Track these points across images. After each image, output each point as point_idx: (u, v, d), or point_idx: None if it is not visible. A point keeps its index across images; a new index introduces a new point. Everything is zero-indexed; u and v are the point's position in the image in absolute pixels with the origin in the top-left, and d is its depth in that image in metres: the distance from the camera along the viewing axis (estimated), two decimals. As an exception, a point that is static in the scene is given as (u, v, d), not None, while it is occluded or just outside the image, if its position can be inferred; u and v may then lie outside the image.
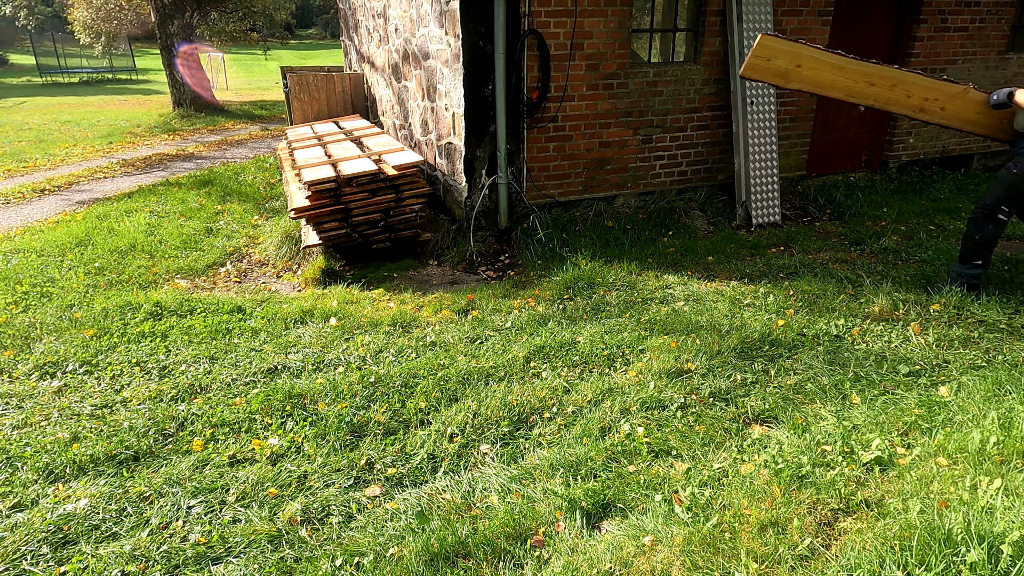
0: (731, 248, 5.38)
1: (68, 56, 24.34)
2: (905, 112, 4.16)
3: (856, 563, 1.90)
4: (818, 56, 3.96)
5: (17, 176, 8.90)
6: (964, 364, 3.32)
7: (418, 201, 5.35)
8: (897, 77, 4.04)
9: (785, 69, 3.98)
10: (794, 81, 4.02)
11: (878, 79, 4.02)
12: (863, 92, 4.05)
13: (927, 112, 4.15)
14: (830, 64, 3.98)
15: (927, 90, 4.09)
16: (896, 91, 4.06)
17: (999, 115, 4.11)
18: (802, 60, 3.94)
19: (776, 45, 3.92)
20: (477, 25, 4.98)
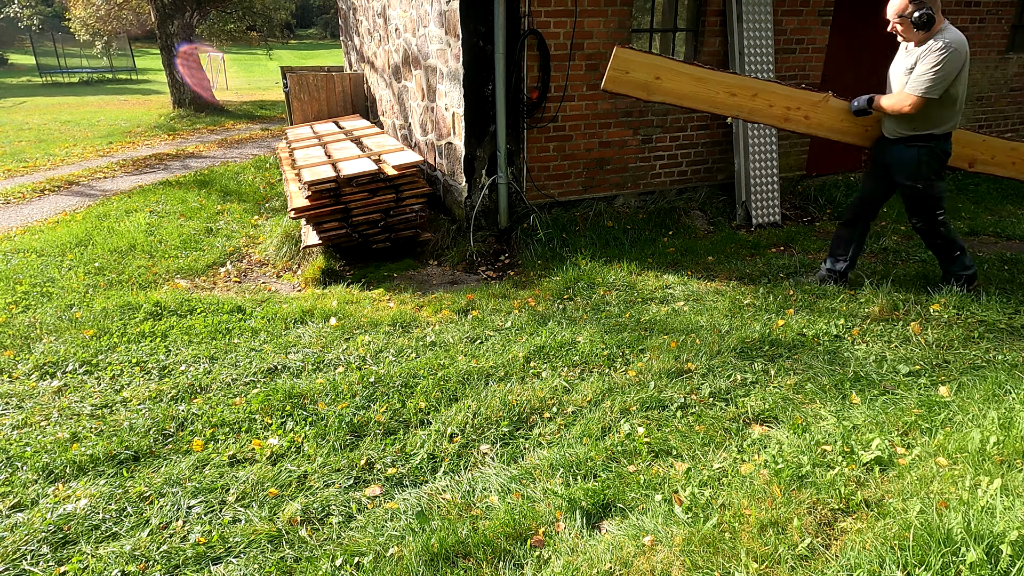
0: (731, 248, 5.38)
1: (68, 56, 24.35)
2: (771, 122, 4.12)
3: (856, 563, 1.90)
4: (676, 67, 3.90)
5: (17, 176, 8.90)
6: (964, 364, 3.32)
7: (418, 201, 5.35)
8: (758, 87, 3.99)
9: (645, 81, 3.90)
10: (656, 93, 3.95)
11: (738, 89, 3.96)
12: (726, 103, 3.99)
13: (792, 122, 4.10)
14: (689, 75, 3.91)
15: (788, 99, 4.04)
16: (758, 101, 4.00)
17: (863, 122, 4.07)
18: (661, 72, 3.87)
19: (632, 57, 3.83)
20: (477, 25, 4.98)
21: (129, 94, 19.24)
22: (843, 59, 6.56)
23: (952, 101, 3.72)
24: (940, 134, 3.82)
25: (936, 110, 3.73)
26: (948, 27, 3.61)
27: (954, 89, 3.67)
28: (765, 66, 5.78)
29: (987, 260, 4.85)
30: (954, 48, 3.52)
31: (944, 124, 3.80)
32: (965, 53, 3.60)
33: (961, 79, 3.66)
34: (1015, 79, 7.44)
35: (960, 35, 3.60)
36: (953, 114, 3.78)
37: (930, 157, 3.86)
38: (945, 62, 3.53)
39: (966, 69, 3.67)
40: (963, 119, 7.32)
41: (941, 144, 3.85)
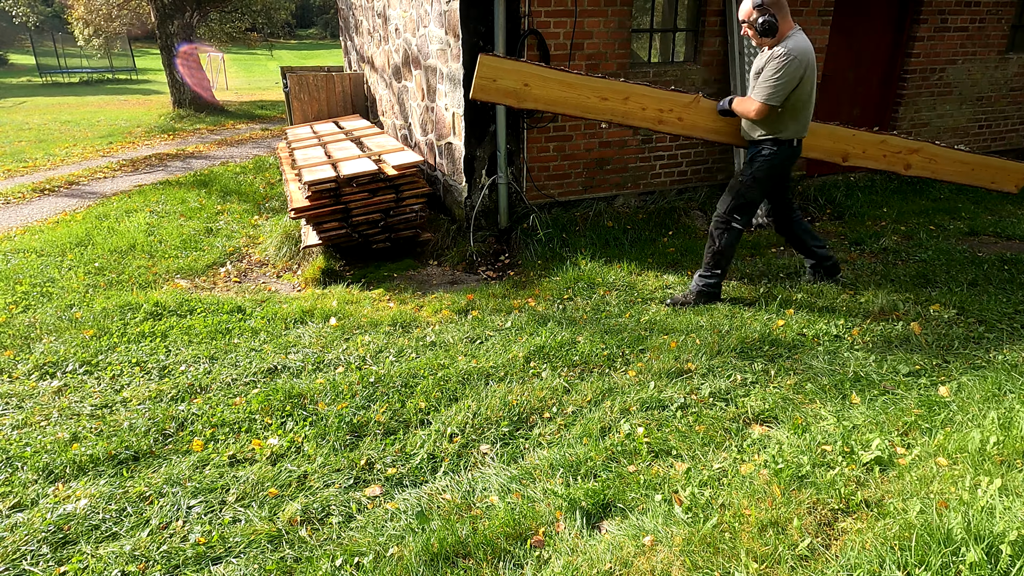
0: (731, 248, 5.37)
1: (68, 56, 24.36)
2: (646, 125, 4.07)
3: (856, 563, 1.90)
4: (544, 73, 3.83)
5: (17, 176, 8.90)
6: (964, 364, 3.32)
7: (418, 201, 5.35)
8: (628, 90, 3.94)
9: (514, 88, 3.84)
10: (527, 100, 3.87)
11: (609, 93, 3.91)
12: (598, 107, 3.94)
13: (667, 124, 4.06)
14: (558, 81, 3.85)
15: (660, 101, 4.01)
16: (631, 104, 3.95)
17: (736, 123, 4.05)
18: (529, 79, 3.81)
19: (499, 65, 3.77)
20: (477, 25, 4.98)
21: (129, 94, 19.25)
22: (843, 59, 6.56)
23: (797, 107, 3.72)
24: (785, 139, 3.82)
25: (784, 116, 3.74)
26: (795, 34, 3.60)
27: (798, 95, 3.67)
28: (765, 66, 5.78)
29: (987, 260, 4.85)
30: (794, 56, 3.51)
31: (788, 129, 3.80)
32: (807, 61, 3.60)
33: (805, 87, 3.66)
34: (1015, 79, 7.44)
35: (804, 43, 3.59)
36: (798, 120, 3.78)
37: (770, 159, 3.86)
38: (785, 69, 3.52)
39: (811, 77, 3.68)
40: (963, 119, 7.34)
41: (785, 150, 3.85)
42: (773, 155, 3.85)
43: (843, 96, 6.76)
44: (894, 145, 4.47)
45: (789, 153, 3.88)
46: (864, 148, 4.44)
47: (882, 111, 7.05)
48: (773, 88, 3.58)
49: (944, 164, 4.63)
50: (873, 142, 4.43)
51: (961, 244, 5.31)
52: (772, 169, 3.89)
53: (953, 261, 4.86)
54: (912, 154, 4.51)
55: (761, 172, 3.90)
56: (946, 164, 4.64)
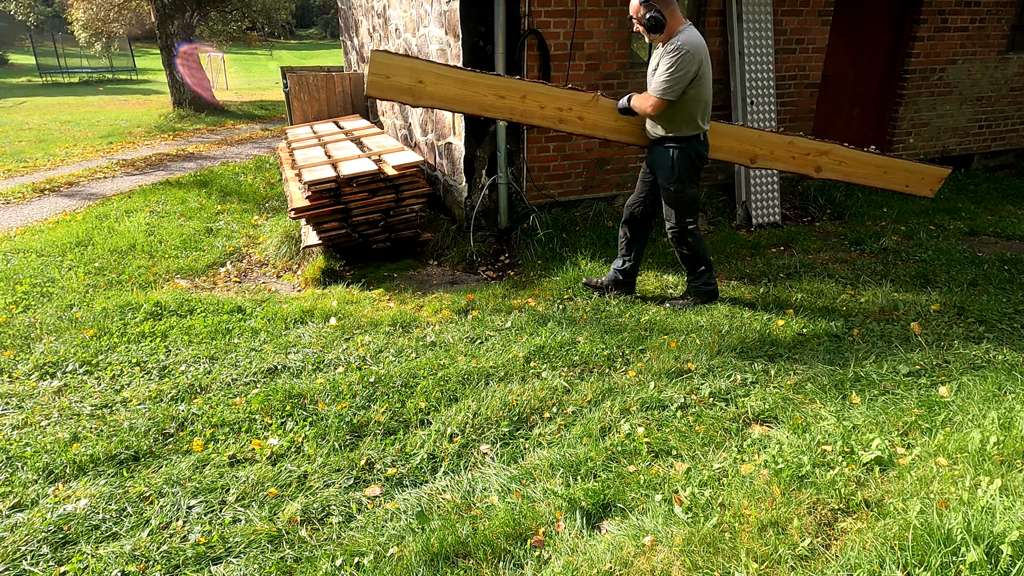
0: (731, 248, 5.38)
1: (68, 56, 24.36)
2: (546, 124, 4.00)
3: (856, 563, 1.90)
4: (438, 71, 3.77)
5: (17, 176, 8.90)
6: (964, 364, 3.32)
7: (418, 201, 5.35)
8: (525, 88, 3.88)
9: (409, 86, 3.75)
10: (423, 98, 3.79)
11: (506, 91, 3.85)
12: (496, 105, 3.87)
13: (567, 123, 4.00)
14: (453, 79, 3.79)
15: (557, 100, 3.94)
16: (528, 103, 3.89)
17: (637, 122, 4.02)
18: (423, 76, 3.74)
19: (391, 61, 3.69)
20: (477, 25, 4.98)
21: (129, 94, 19.25)
22: (843, 59, 6.56)
23: (694, 103, 3.70)
24: (689, 136, 3.80)
25: (680, 112, 3.73)
26: (686, 29, 3.60)
27: (695, 91, 3.66)
28: (765, 66, 5.79)
29: (987, 260, 4.85)
30: (687, 50, 3.51)
31: (688, 126, 3.78)
32: (701, 56, 3.60)
33: (701, 81, 3.65)
34: (1015, 79, 7.44)
35: (696, 38, 3.59)
36: (696, 116, 3.76)
37: (682, 159, 3.84)
38: (678, 64, 3.52)
39: (707, 72, 3.67)
40: (963, 119, 7.34)
41: (692, 146, 3.83)
42: (683, 151, 3.83)
43: (843, 96, 6.76)
44: (802, 147, 4.43)
45: (698, 148, 3.87)
46: (772, 149, 4.40)
47: (882, 111, 7.05)
48: (668, 82, 3.57)
49: (856, 167, 4.58)
50: (780, 143, 4.40)
51: (961, 244, 5.31)
52: (690, 165, 3.88)
53: (953, 261, 4.86)
54: (821, 156, 4.46)
55: (683, 173, 3.90)
56: (857, 166, 4.58)
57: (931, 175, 4.74)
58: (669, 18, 3.57)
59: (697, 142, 3.85)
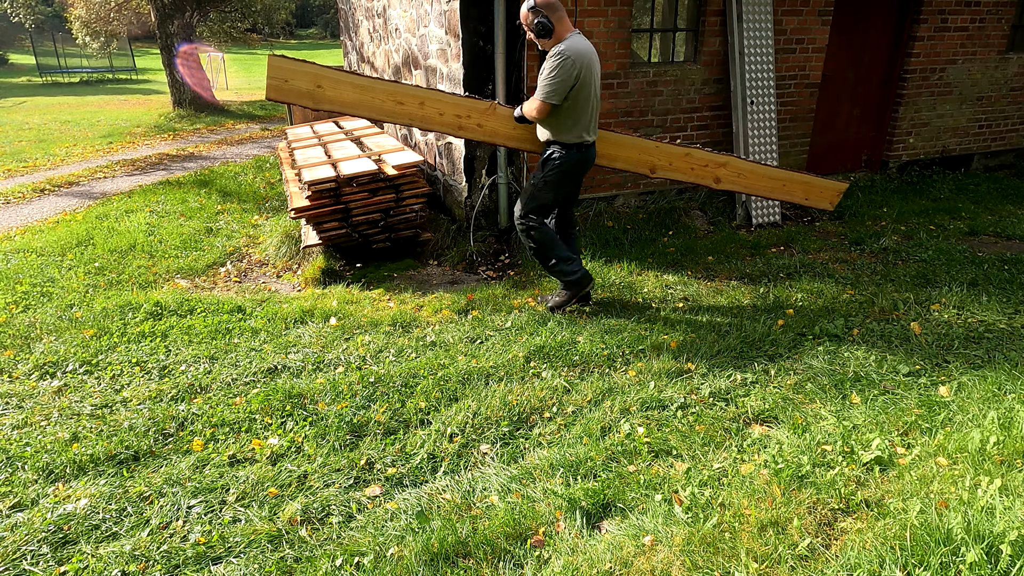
0: (731, 248, 5.38)
1: (68, 56, 24.36)
2: (447, 131, 4.07)
3: (856, 563, 1.90)
4: (336, 76, 3.83)
5: (17, 176, 8.90)
6: (964, 364, 3.32)
7: (418, 201, 5.34)
8: (423, 95, 3.96)
9: (308, 90, 3.82)
10: (322, 102, 3.86)
11: (404, 97, 3.93)
12: (395, 111, 3.95)
13: (467, 130, 4.07)
14: (351, 84, 3.85)
15: (457, 107, 4.01)
16: (427, 109, 3.97)
17: (534, 129, 4.06)
18: (320, 80, 3.81)
19: (288, 66, 3.76)
20: (477, 25, 4.98)
21: (129, 94, 19.25)
22: (843, 59, 6.56)
23: (577, 109, 3.73)
24: (570, 143, 3.82)
25: (563, 118, 3.76)
26: (573, 36, 3.64)
27: (577, 97, 3.68)
28: (765, 66, 5.79)
29: (987, 260, 4.85)
30: (568, 56, 3.55)
31: (570, 132, 3.80)
32: (583, 62, 3.61)
33: (583, 88, 3.67)
34: (1015, 79, 7.44)
35: (580, 46, 3.62)
36: (580, 123, 3.78)
37: (559, 162, 3.86)
38: (559, 68, 3.56)
39: (590, 80, 3.68)
40: (963, 119, 7.34)
41: (572, 154, 3.85)
42: (562, 159, 3.85)
43: (843, 96, 6.76)
44: (699, 158, 4.48)
45: (578, 158, 3.87)
46: (670, 160, 4.45)
47: (882, 111, 7.05)
48: (550, 87, 3.62)
49: (754, 179, 4.62)
50: (678, 155, 4.46)
51: (961, 244, 5.31)
52: (562, 173, 3.90)
53: (953, 261, 4.86)
54: (719, 168, 4.51)
55: (552, 176, 3.91)
56: (756, 179, 4.63)
57: (829, 188, 4.81)
58: (557, 24, 3.62)
59: (578, 151, 3.86)
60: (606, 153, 4.29)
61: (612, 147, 4.29)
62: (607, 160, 4.33)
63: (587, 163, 3.96)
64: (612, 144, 4.30)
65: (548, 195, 3.98)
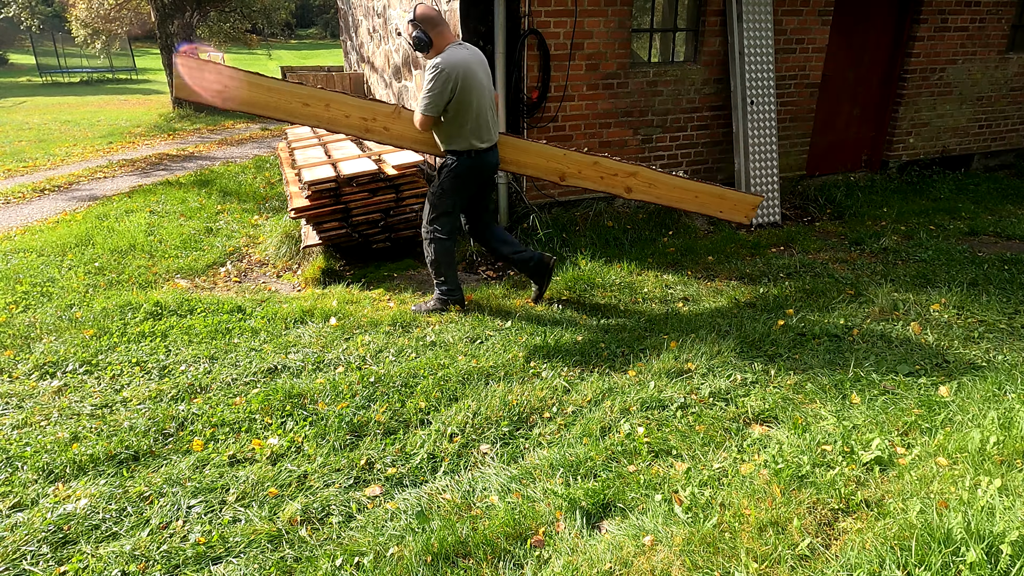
0: (731, 248, 5.38)
1: (68, 56, 24.35)
2: (355, 133, 4.11)
3: (856, 563, 1.90)
4: (242, 77, 3.89)
5: (17, 176, 8.90)
6: (964, 364, 3.32)
7: (418, 201, 5.34)
8: (329, 98, 3.99)
9: (217, 90, 3.88)
10: (231, 101, 3.91)
11: (310, 100, 3.97)
12: (303, 112, 4.00)
13: (374, 132, 4.10)
14: (258, 85, 3.92)
15: (362, 110, 4.04)
16: (334, 111, 4.00)
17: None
18: (227, 81, 3.86)
19: (195, 65, 3.85)
20: (477, 25, 4.98)
21: (129, 94, 19.24)
22: (843, 59, 6.56)
23: (461, 118, 3.77)
24: (463, 150, 3.87)
25: (449, 127, 3.82)
26: (452, 48, 3.69)
27: (457, 107, 3.72)
28: (765, 66, 5.79)
29: (987, 260, 4.85)
30: (442, 68, 3.60)
31: (458, 140, 3.85)
32: (458, 73, 3.65)
33: (462, 98, 3.70)
34: (1015, 79, 7.44)
35: (457, 57, 3.66)
36: (467, 132, 3.81)
37: (453, 170, 3.92)
38: (433, 81, 3.62)
39: (471, 88, 3.71)
40: (963, 119, 7.34)
41: (464, 161, 3.90)
42: (455, 166, 3.91)
43: (843, 96, 6.76)
44: (607, 167, 4.45)
45: (470, 164, 3.90)
46: (579, 168, 4.44)
47: (882, 111, 7.06)
48: (426, 99, 3.69)
49: (666, 190, 4.59)
50: (586, 163, 4.43)
51: (961, 244, 5.31)
52: (457, 180, 3.94)
53: (953, 261, 4.86)
54: (629, 177, 4.49)
55: (447, 183, 3.96)
56: (667, 190, 4.59)
57: (743, 202, 4.77)
58: (435, 38, 3.68)
59: (469, 158, 3.89)
60: (514, 160, 4.32)
61: (520, 154, 4.32)
62: (516, 167, 4.37)
63: (482, 169, 3.99)
64: (520, 151, 4.32)
65: (447, 203, 4.03)
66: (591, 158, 4.43)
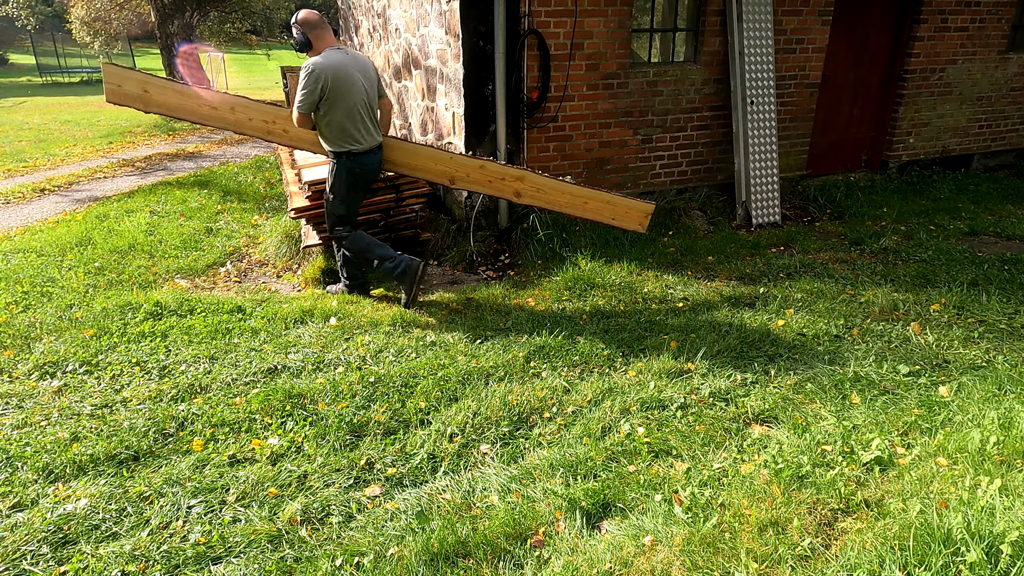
0: (731, 248, 5.38)
1: (68, 56, 24.38)
2: (257, 135, 4.37)
3: (856, 563, 1.90)
4: (159, 83, 4.22)
5: (17, 176, 8.90)
6: (964, 364, 3.32)
7: (418, 201, 5.34)
8: (234, 102, 4.28)
9: (138, 94, 4.18)
10: (151, 105, 4.22)
11: (218, 104, 4.27)
12: (211, 115, 4.28)
13: (275, 135, 4.35)
14: (172, 90, 4.25)
15: (264, 113, 4.31)
16: (238, 114, 4.27)
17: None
18: (147, 86, 4.17)
19: (119, 72, 4.15)
20: (477, 25, 4.98)
21: (129, 94, 19.19)
22: (843, 59, 6.56)
23: (335, 119, 3.96)
24: (341, 151, 4.06)
25: (324, 127, 4.02)
26: (328, 51, 3.90)
27: (329, 107, 3.92)
28: (765, 66, 5.79)
29: (987, 260, 4.85)
30: (312, 69, 3.82)
31: (335, 141, 4.04)
32: (329, 75, 3.84)
33: (335, 98, 3.89)
34: (1015, 79, 7.44)
35: (332, 59, 3.87)
36: (341, 132, 3.99)
37: (337, 171, 4.12)
38: (304, 81, 3.84)
39: (340, 90, 3.89)
40: (963, 119, 7.33)
41: (344, 161, 4.08)
42: (336, 167, 4.12)
43: (843, 96, 6.76)
44: (494, 171, 4.52)
45: (349, 165, 4.09)
46: (468, 172, 4.52)
47: (882, 111, 7.05)
48: (298, 97, 3.90)
49: (554, 195, 4.62)
50: (473, 167, 4.51)
51: (961, 244, 5.31)
52: (339, 181, 4.14)
53: (953, 261, 4.86)
54: (516, 182, 4.55)
55: (334, 185, 4.17)
56: (557, 195, 4.63)
57: (635, 209, 4.77)
58: (315, 40, 3.93)
59: (348, 158, 4.08)
60: (404, 162, 4.49)
61: (409, 156, 4.48)
62: (408, 169, 4.53)
63: (364, 170, 4.16)
64: (409, 153, 4.48)
65: (339, 206, 4.24)
66: (478, 162, 4.52)
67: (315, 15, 3.98)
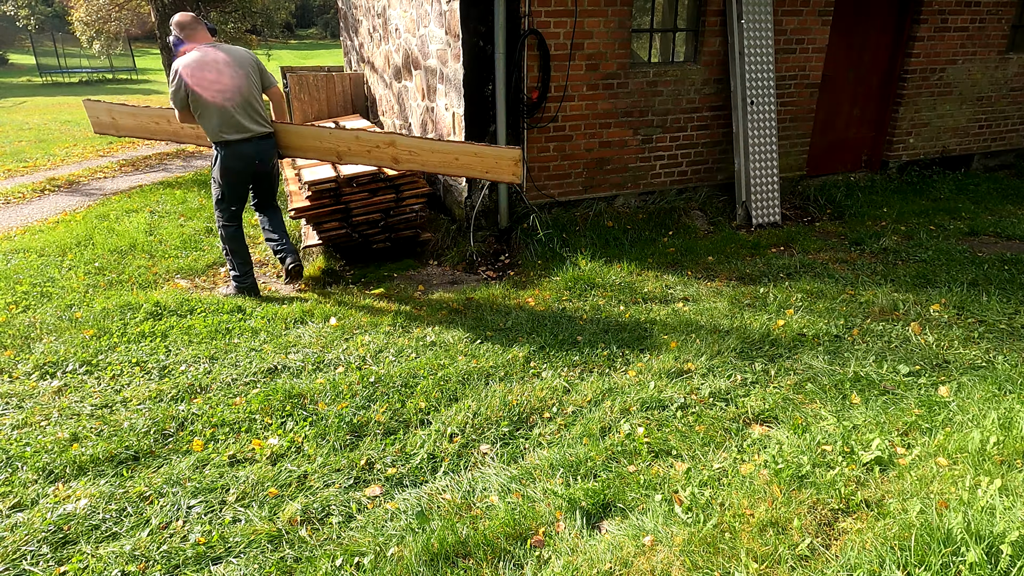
0: (731, 248, 5.38)
1: (68, 56, 24.38)
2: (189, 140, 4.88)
3: (856, 563, 1.90)
4: (119, 109, 4.81)
5: (17, 176, 8.90)
6: (964, 364, 3.32)
7: (418, 201, 5.34)
8: (168, 115, 4.70)
9: (109, 121, 4.80)
10: (121, 129, 4.83)
11: (160, 119, 4.79)
12: (158, 129, 4.83)
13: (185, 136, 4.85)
14: (127, 113, 4.80)
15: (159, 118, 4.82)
16: (174, 125, 4.73)
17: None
18: (112, 114, 4.80)
19: (92, 106, 4.84)
20: (477, 25, 4.98)
21: (129, 94, 19.24)
22: (843, 59, 6.56)
23: (203, 114, 4.23)
24: (218, 141, 4.31)
25: (200, 121, 4.29)
26: (193, 52, 4.17)
27: (196, 103, 4.19)
28: (765, 66, 5.79)
29: (987, 260, 4.85)
30: (176, 68, 4.14)
31: (213, 132, 4.28)
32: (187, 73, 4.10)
33: (199, 96, 4.14)
34: (1015, 79, 7.44)
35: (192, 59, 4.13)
36: (215, 123, 4.24)
37: (217, 163, 4.38)
38: (171, 79, 4.19)
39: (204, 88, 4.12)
40: (963, 119, 7.34)
41: (221, 149, 4.32)
42: (215, 156, 4.37)
43: (843, 96, 6.76)
44: (367, 140, 4.56)
45: (225, 153, 4.31)
46: (348, 145, 4.59)
47: (882, 111, 7.05)
48: (170, 94, 4.25)
49: (427, 155, 4.56)
50: (350, 138, 4.59)
51: (961, 244, 5.31)
52: (218, 169, 4.38)
53: (953, 261, 4.86)
54: (389, 147, 4.55)
55: (214, 173, 4.44)
56: (428, 155, 4.57)
57: (504, 157, 4.53)
58: (187, 40, 4.21)
59: (224, 147, 4.30)
60: (293, 144, 4.67)
61: (295, 138, 4.66)
62: (300, 151, 4.70)
63: (241, 158, 4.36)
64: (294, 135, 4.65)
65: (218, 190, 4.48)
66: (352, 133, 4.61)
67: (188, 16, 4.24)
